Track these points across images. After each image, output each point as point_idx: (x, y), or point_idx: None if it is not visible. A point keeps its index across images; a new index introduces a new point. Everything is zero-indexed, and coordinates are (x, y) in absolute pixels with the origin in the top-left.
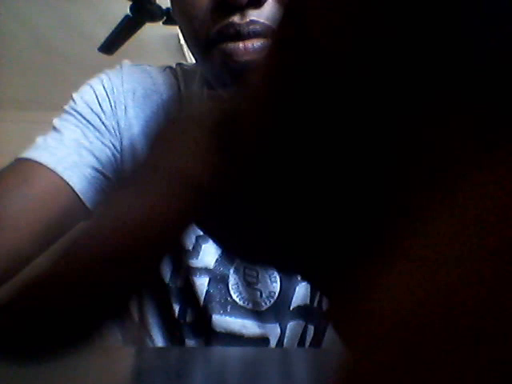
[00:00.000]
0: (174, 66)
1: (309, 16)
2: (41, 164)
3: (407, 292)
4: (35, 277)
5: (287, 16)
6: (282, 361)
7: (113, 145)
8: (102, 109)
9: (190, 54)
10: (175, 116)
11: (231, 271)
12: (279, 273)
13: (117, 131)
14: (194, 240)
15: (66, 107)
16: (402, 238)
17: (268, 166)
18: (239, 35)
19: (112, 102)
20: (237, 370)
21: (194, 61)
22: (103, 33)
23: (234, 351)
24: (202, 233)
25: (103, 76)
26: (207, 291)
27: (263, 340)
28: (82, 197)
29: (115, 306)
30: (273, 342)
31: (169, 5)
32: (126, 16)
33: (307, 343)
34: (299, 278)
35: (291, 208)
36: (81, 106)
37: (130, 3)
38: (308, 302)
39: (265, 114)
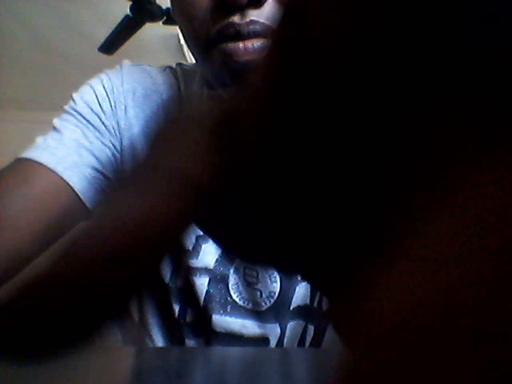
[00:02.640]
0: (174, 66)
1: (309, 16)
2: (41, 164)
3: (407, 292)
4: (35, 277)
5: (287, 16)
6: (282, 361)
7: (113, 145)
8: (102, 109)
9: (190, 54)
10: (175, 116)
11: (231, 271)
12: (279, 273)
13: (117, 131)
14: (194, 240)
15: (66, 107)
16: (402, 237)
17: (268, 166)
18: (239, 35)
19: (112, 101)
20: (237, 370)
21: (194, 61)
22: (103, 33)
23: (234, 351)
24: (201, 233)
25: (103, 76)
26: (207, 291)
27: (263, 340)
28: (82, 197)
29: (115, 305)
30: (273, 342)
31: (169, 5)
32: (126, 16)
33: (307, 343)
34: (299, 278)
35: (291, 208)
36: (81, 106)
37: (130, 3)
38: (308, 301)
39: (265, 114)
